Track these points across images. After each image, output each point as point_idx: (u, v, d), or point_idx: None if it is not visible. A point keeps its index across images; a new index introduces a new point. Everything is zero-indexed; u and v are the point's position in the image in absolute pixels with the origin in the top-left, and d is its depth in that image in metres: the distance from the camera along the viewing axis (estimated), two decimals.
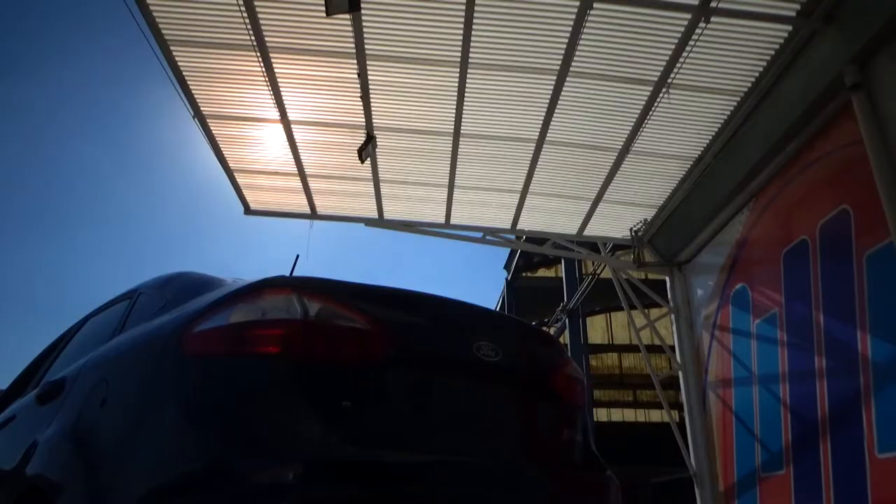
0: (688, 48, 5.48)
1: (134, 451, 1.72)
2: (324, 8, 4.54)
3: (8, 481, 2.32)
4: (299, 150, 7.10)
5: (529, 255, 22.55)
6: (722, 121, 6.40)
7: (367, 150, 6.55)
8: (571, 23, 5.26)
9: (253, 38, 5.44)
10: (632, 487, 26.59)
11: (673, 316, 8.72)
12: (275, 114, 6.47)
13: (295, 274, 2.01)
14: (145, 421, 1.75)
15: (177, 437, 1.66)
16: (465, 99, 6.19)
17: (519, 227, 8.59)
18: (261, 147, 7.23)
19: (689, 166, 7.12)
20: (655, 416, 34.67)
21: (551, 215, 8.43)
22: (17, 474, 2.26)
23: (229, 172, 7.58)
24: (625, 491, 2.38)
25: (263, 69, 5.80)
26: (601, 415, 34.99)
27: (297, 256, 2.31)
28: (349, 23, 5.32)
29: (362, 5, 4.66)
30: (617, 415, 35.84)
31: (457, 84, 6.00)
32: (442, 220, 8.52)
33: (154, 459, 1.67)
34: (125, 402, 1.94)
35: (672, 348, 8.77)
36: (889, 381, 4.96)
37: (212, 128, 6.76)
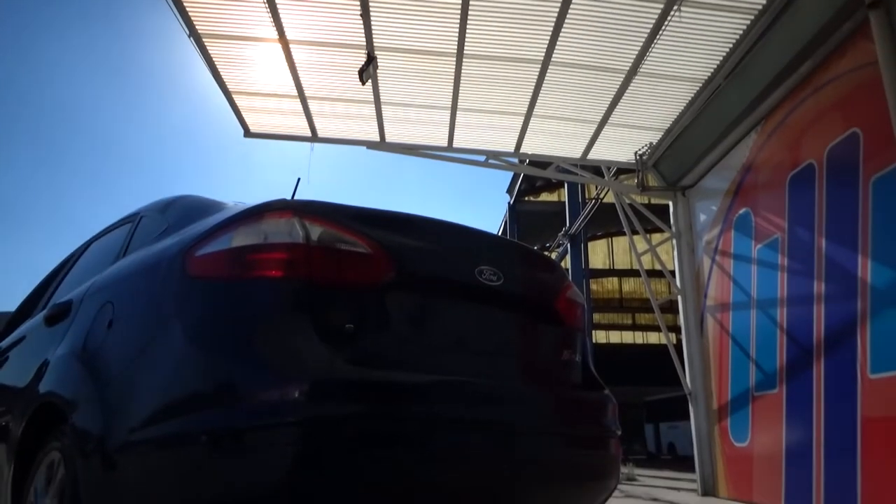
0: None
1: (142, 371, 1.77)
2: None
3: (22, 397, 2.40)
4: (298, 72, 6.93)
5: (532, 179, 22.40)
6: (734, 40, 6.19)
7: (367, 71, 6.38)
8: None
9: None
10: (629, 406, 27.40)
11: (674, 241, 8.75)
12: (272, 32, 6.27)
13: (296, 197, 2.00)
14: (152, 342, 1.79)
15: (183, 357, 1.70)
16: (469, 17, 5.97)
17: (522, 150, 8.49)
18: (259, 68, 7.05)
19: (697, 88, 6.95)
20: (653, 338, 35.44)
21: (555, 139, 8.31)
22: (30, 391, 2.34)
23: (227, 94, 7.42)
24: (622, 408, 2.45)
25: None
26: (600, 337, 35.78)
27: (299, 180, 2.28)
28: None
29: None
30: (616, 337, 36.65)
31: (460, 0, 5.78)
32: (444, 143, 8.42)
33: (162, 379, 1.71)
34: (131, 323, 1.97)
35: (672, 273, 8.85)
36: (887, 305, 5.02)
37: (208, 47, 6.57)
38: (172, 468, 1.57)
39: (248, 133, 8.36)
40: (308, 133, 8.30)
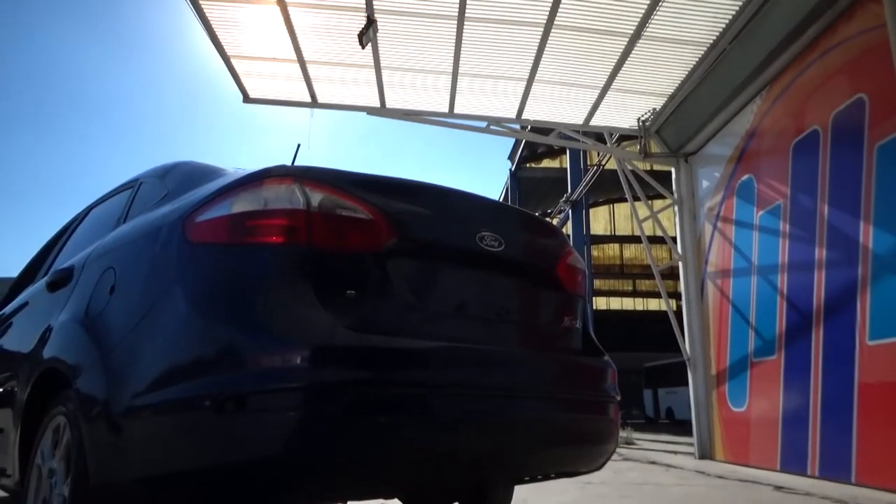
0: None
1: (145, 337, 1.78)
2: None
3: (27, 362, 2.43)
4: (297, 35, 6.82)
5: (534, 145, 22.25)
6: (741, 2, 6.08)
7: (367, 34, 6.28)
8: None
9: None
10: (628, 371, 27.68)
11: (676, 207, 8.73)
12: None
13: (296, 164, 1.98)
14: (153, 308, 1.79)
15: (185, 323, 1.70)
16: None
17: (524, 116, 8.41)
18: (258, 32, 6.94)
19: (702, 52, 6.84)
20: (653, 305, 35.63)
21: (557, 105, 8.22)
22: (34, 357, 2.36)
23: (226, 58, 7.32)
24: (621, 374, 2.47)
25: None
26: (601, 303, 35.98)
27: (298, 146, 2.26)
28: None
29: None
30: (616, 303, 36.85)
31: None
32: (445, 109, 8.33)
33: (165, 344, 1.72)
34: (133, 289, 1.98)
35: (673, 239, 8.85)
36: (888, 272, 5.03)
37: (206, 10, 6.46)
38: (176, 432, 1.59)
39: (247, 98, 8.28)
40: (308, 99, 8.22)
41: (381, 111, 8.38)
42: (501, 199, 23.58)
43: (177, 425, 1.60)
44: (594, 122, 8.48)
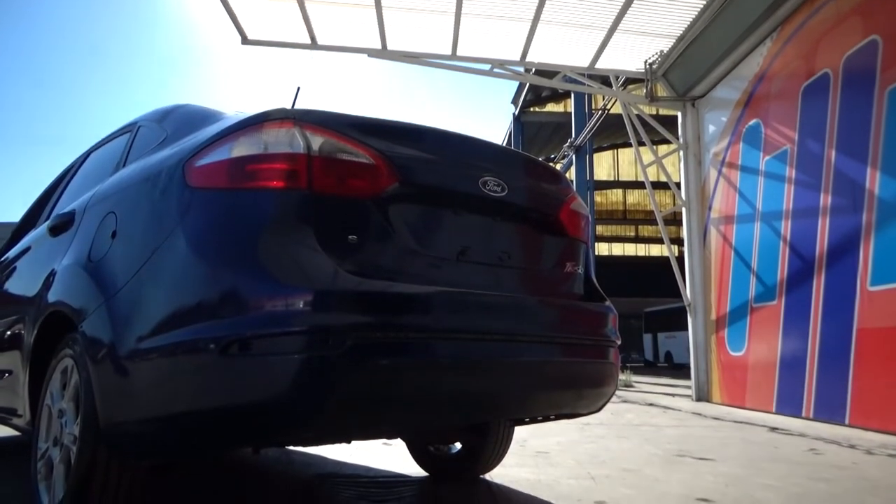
0: None
1: (147, 281, 1.78)
2: None
3: (32, 306, 2.45)
4: None
5: (538, 89, 21.87)
6: None
7: None
8: None
9: None
10: (628, 316, 27.91)
11: (681, 152, 8.63)
12: None
13: (296, 107, 1.94)
14: (155, 253, 1.79)
15: (187, 267, 1.70)
16: None
17: (528, 59, 8.22)
18: None
19: None
20: (655, 251, 35.70)
21: (562, 47, 8.03)
22: (39, 300, 2.38)
23: None
24: (621, 319, 2.49)
25: None
26: (603, 249, 36.07)
27: (298, 88, 2.21)
28: None
29: None
30: (618, 249, 36.93)
31: None
32: (448, 51, 8.14)
33: (168, 289, 1.73)
34: (134, 234, 1.97)
35: (678, 185, 8.79)
36: (893, 217, 5.01)
37: None
38: (181, 375, 1.62)
39: (245, 40, 8.09)
40: (308, 40, 8.03)
41: (383, 53, 8.20)
42: (505, 144, 23.34)
43: (182, 368, 1.63)
44: (600, 64, 8.30)
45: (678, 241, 10.15)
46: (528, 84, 19.89)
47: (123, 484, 1.83)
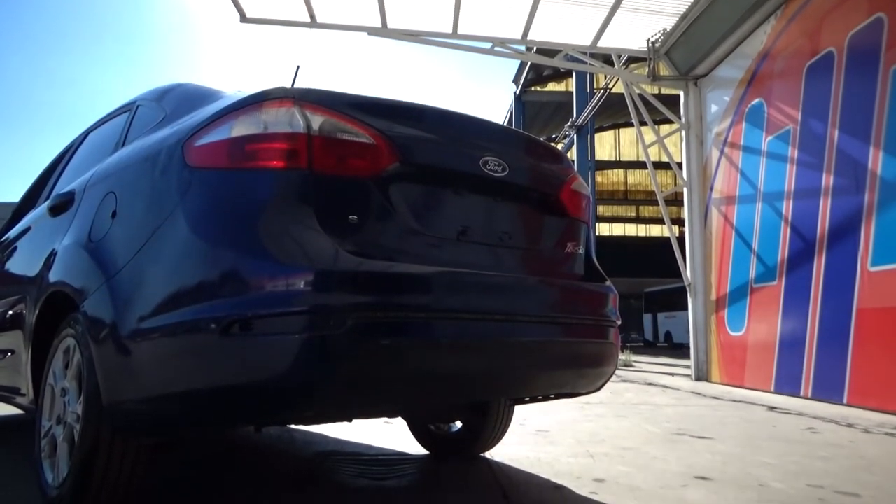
0: None
1: (148, 261, 1.78)
2: None
3: (34, 286, 2.46)
4: None
5: (539, 68, 21.67)
6: None
7: None
8: None
9: None
10: (628, 296, 27.95)
11: (683, 132, 8.59)
12: None
13: (296, 86, 1.93)
14: (155, 232, 1.79)
15: (187, 247, 1.70)
16: None
17: (530, 37, 8.14)
18: None
19: None
20: (656, 231, 35.66)
21: (564, 25, 7.94)
22: (40, 280, 2.39)
23: None
24: (622, 299, 2.50)
25: None
26: (604, 229, 36.03)
27: (298, 67, 2.19)
28: None
29: None
30: (619, 230, 36.90)
31: None
32: (449, 29, 8.06)
33: (168, 268, 1.73)
34: (134, 213, 1.97)
35: (679, 165, 8.75)
36: (894, 198, 4.99)
37: None
38: (183, 354, 1.62)
39: (244, 18, 8.01)
40: (307, 18, 7.95)
41: (383, 31, 8.12)
42: (506, 124, 23.19)
43: (183, 347, 1.63)
44: (602, 43, 8.22)
45: (679, 222, 10.14)
46: (529, 63, 19.71)
47: (127, 461, 1.85)
